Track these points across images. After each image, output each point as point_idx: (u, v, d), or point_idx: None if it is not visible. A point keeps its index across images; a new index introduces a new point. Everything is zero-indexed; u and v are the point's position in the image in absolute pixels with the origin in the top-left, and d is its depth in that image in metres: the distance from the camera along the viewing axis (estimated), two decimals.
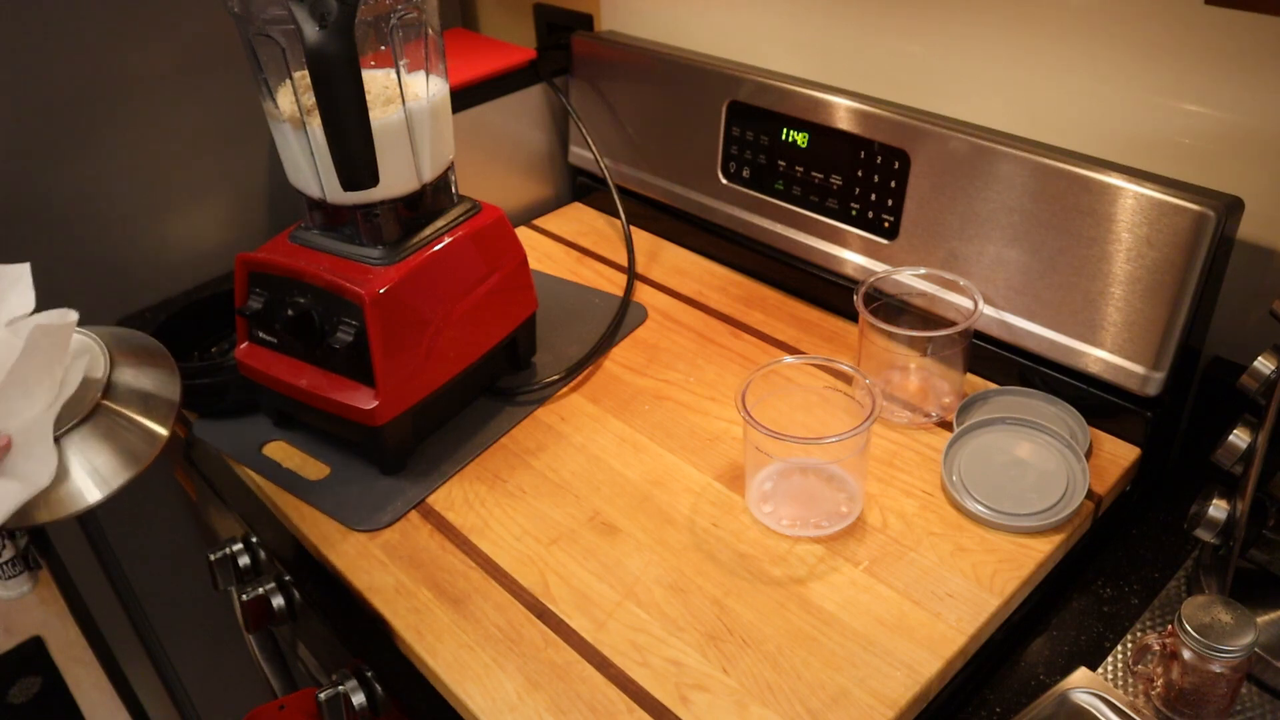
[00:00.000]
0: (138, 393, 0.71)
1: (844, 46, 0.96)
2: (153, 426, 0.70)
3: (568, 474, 0.81)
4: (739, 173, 1.02)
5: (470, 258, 0.83)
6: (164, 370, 0.74)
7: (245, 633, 0.85)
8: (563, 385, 0.91)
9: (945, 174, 0.84)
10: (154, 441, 0.70)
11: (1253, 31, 0.70)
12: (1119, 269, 0.75)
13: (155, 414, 0.71)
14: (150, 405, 0.71)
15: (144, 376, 0.73)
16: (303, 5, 0.65)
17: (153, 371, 0.73)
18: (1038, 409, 0.82)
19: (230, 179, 1.11)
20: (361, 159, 0.70)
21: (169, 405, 0.72)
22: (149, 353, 0.75)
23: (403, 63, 0.77)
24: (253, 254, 0.81)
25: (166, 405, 0.72)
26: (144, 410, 0.71)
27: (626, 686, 0.63)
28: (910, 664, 0.63)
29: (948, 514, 0.74)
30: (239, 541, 0.87)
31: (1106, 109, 0.80)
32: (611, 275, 1.08)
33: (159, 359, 0.75)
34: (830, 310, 0.99)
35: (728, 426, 0.84)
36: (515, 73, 1.14)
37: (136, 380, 0.72)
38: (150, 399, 0.72)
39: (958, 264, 0.85)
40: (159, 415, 0.71)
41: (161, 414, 0.71)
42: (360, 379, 0.78)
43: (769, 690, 0.62)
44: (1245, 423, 0.65)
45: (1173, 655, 0.62)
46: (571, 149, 1.21)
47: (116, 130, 1.01)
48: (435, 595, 0.71)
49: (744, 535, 0.74)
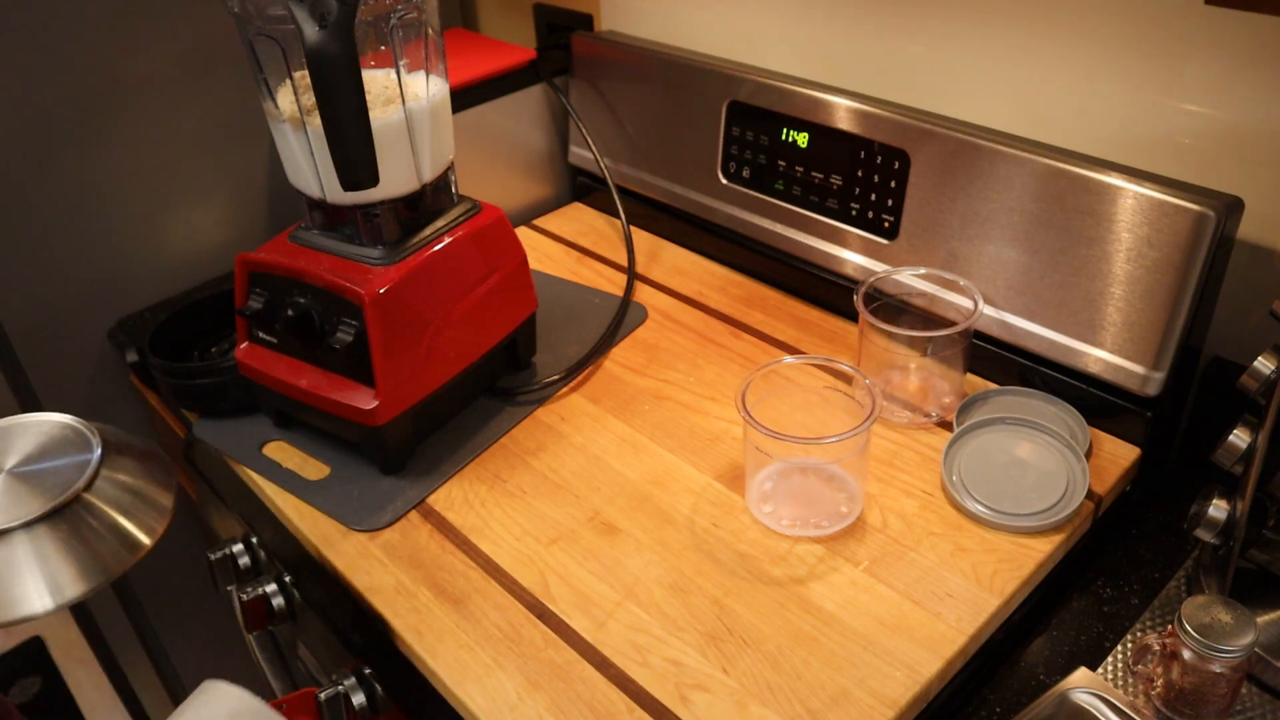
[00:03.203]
0: (126, 494, 0.64)
1: (844, 46, 0.96)
2: (135, 532, 0.63)
3: (568, 474, 0.81)
4: (739, 173, 1.02)
5: (470, 258, 0.83)
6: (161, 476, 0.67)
7: (245, 633, 0.85)
8: (563, 385, 0.91)
9: (945, 174, 0.84)
10: (133, 549, 0.62)
11: (1253, 31, 0.70)
12: (1119, 269, 0.75)
13: (141, 519, 0.64)
14: (137, 510, 0.64)
15: (138, 477, 0.65)
16: (303, 5, 0.65)
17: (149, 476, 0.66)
18: (1038, 409, 0.82)
19: (230, 179, 1.11)
20: (361, 159, 0.70)
21: (159, 513, 0.65)
22: (149, 456, 0.68)
23: (403, 63, 0.77)
24: (253, 254, 0.81)
25: (156, 512, 0.65)
26: (128, 514, 0.63)
27: (626, 686, 0.63)
28: (910, 664, 0.63)
29: (948, 514, 0.74)
30: (239, 541, 0.87)
31: (1106, 109, 0.80)
32: (611, 275, 1.08)
33: (157, 464, 0.68)
34: (830, 310, 0.99)
35: (728, 426, 0.84)
36: (515, 73, 1.14)
37: (128, 480, 0.65)
38: (139, 503, 0.64)
39: (958, 264, 0.85)
40: (146, 521, 0.64)
41: (149, 520, 0.64)
42: (360, 379, 0.78)
43: (769, 690, 0.62)
44: (1245, 423, 0.65)
45: (1173, 655, 0.62)
46: (571, 149, 1.21)
47: (116, 130, 1.01)
48: (435, 595, 0.71)
49: (744, 535, 0.74)
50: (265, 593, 0.82)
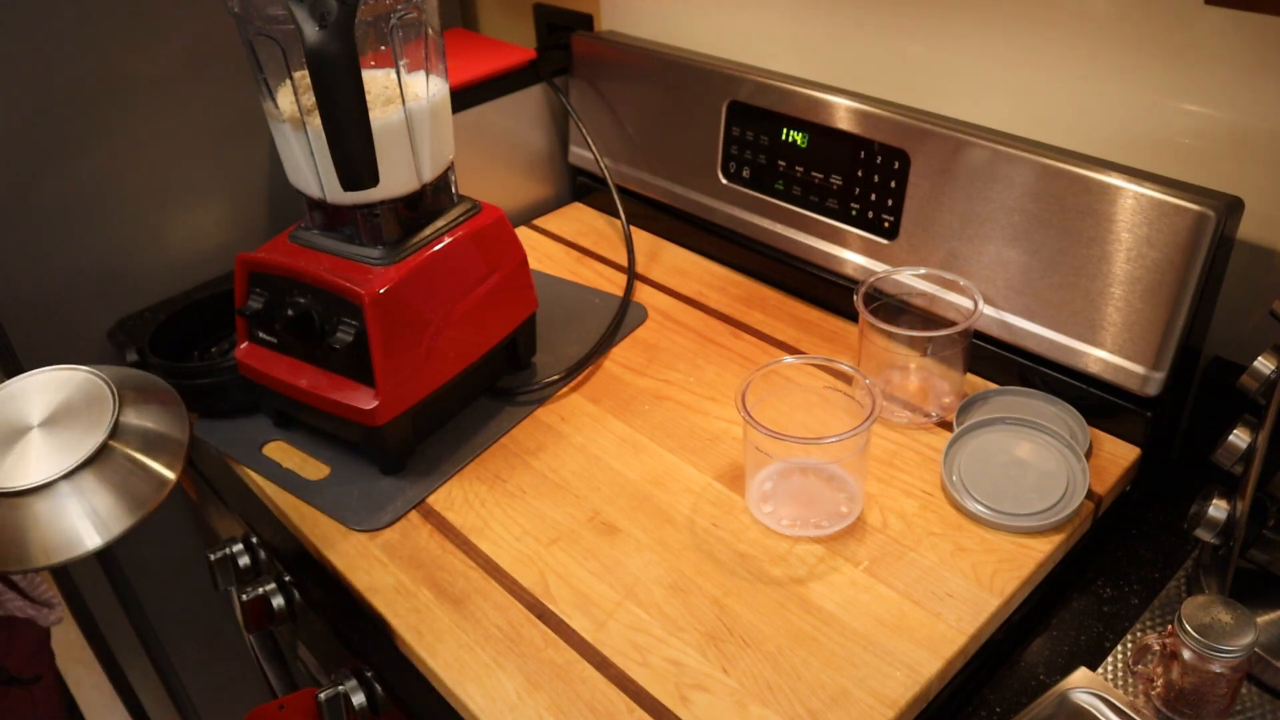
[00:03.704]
0: (146, 434, 0.69)
1: (844, 46, 0.96)
2: (160, 469, 0.68)
3: (568, 474, 0.81)
4: (739, 173, 1.02)
5: (470, 258, 0.83)
6: (173, 411, 0.71)
7: (245, 633, 0.85)
8: (563, 385, 0.91)
9: (945, 174, 0.84)
10: (161, 485, 0.67)
11: (1253, 31, 0.70)
12: (1119, 269, 0.75)
13: (163, 456, 0.68)
14: (158, 447, 0.69)
15: (152, 417, 0.70)
16: (303, 5, 0.65)
17: (162, 412, 0.71)
18: (1038, 409, 0.82)
19: (230, 179, 1.11)
20: (361, 159, 0.70)
21: (178, 446, 0.69)
22: (158, 393, 0.72)
23: (403, 63, 0.77)
24: (253, 254, 0.81)
25: (175, 446, 0.69)
26: (152, 452, 0.68)
27: (626, 686, 0.63)
28: (910, 664, 0.63)
29: (948, 514, 0.74)
30: (239, 541, 0.87)
31: (1106, 109, 0.80)
32: (611, 275, 1.08)
33: (168, 400, 0.72)
34: (830, 310, 0.99)
35: (728, 426, 0.84)
36: (515, 73, 1.14)
37: (144, 421, 0.69)
38: (159, 440, 0.69)
39: (958, 264, 0.85)
40: (167, 457, 0.68)
41: (170, 456, 0.69)
42: (360, 379, 0.78)
43: (769, 690, 0.62)
44: (1245, 423, 0.65)
45: (1173, 655, 0.62)
46: (571, 149, 1.21)
47: (116, 130, 1.01)
48: (435, 595, 0.71)
49: (744, 535, 0.74)
50: (265, 593, 0.82)
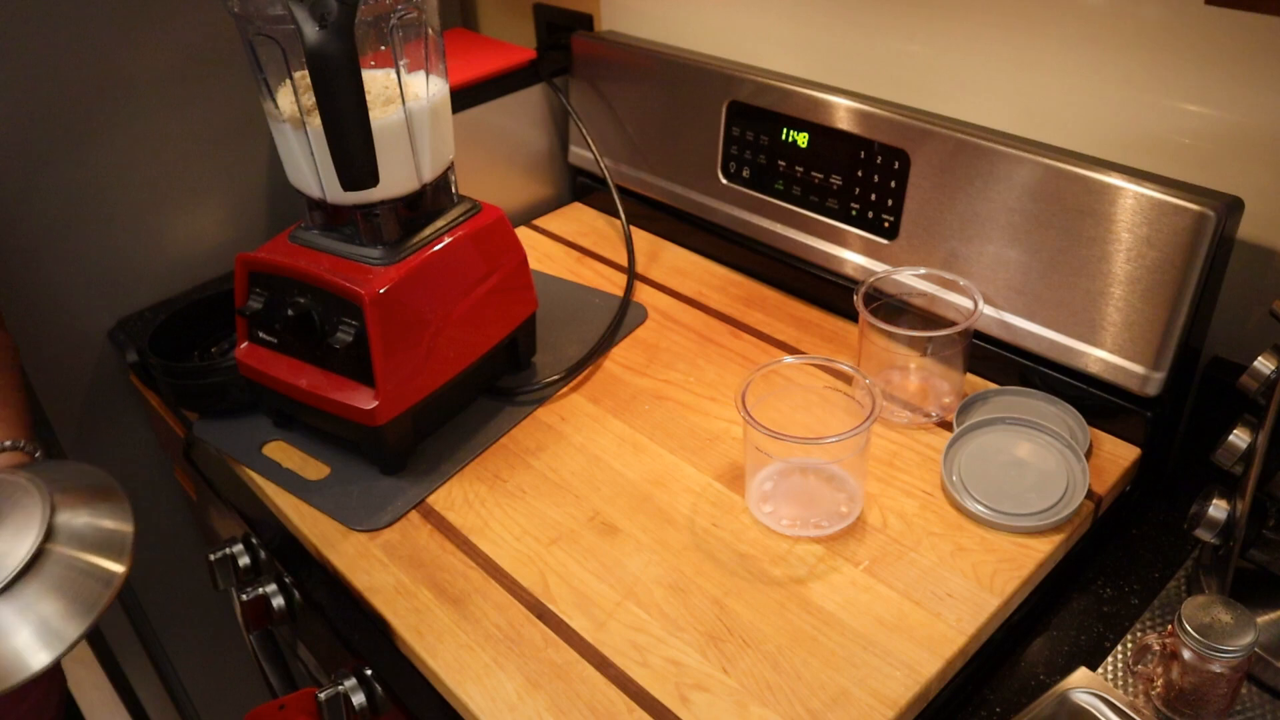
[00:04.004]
0: (85, 531, 0.64)
1: (844, 46, 0.96)
2: (106, 565, 0.63)
3: (568, 474, 0.81)
4: (739, 173, 1.02)
5: (470, 258, 0.83)
6: (114, 503, 0.67)
7: (245, 633, 0.85)
8: (563, 385, 0.91)
9: (945, 174, 0.84)
10: (109, 581, 0.62)
11: (1253, 31, 0.70)
12: (1119, 269, 0.75)
13: (108, 551, 0.64)
14: (102, 542, 0.64)
15: (91, 512, 0.66)
16: (303, 5, 0.65)
17: (101, 505, 0.67)
18: (1038, 409, 0.82)
19: (230, 179, 1.11)
20: (361, 159, 0.70)
21: (123, 538, 0.65)
22: (96, 487, 0.68)
23: (403, 63, 0.77)
24: (253, 254, 0.81)
25: (120, 539, 0.65)
26: (95, 549, 0.63)
27: (626, 686, 0.63)
28: (910, 664, 0.63)
29: (948, 514, 0.74)
30: (239, 541, 0.87)
31: (1106, 109, 0.80)
32: (611, 275, 1.08)
33: (108, 491, 0.68)
34: (830, 310, 0.99)
35: (728, 426, 0.84)
36: (515, 73, 1.14)
37: (82, 517, 0.65)
38: (101, 535, 0.65)
39: (958, 264, 0.85)
40: (112, 552, 0.64)
41: (115, 550, 0.64)
42: (360, 379, 0.78)
43: (769, 690, 0.62)
44: (1245, 423, 0.65)
45: (1173, 655, 0.62)
46: (571, 149, 1.21)
47: (116, 130, 1.01)
48: (435, 595, 0.71)
49: (744, 535, 0.74)
50: (265, 593, 0.82)
